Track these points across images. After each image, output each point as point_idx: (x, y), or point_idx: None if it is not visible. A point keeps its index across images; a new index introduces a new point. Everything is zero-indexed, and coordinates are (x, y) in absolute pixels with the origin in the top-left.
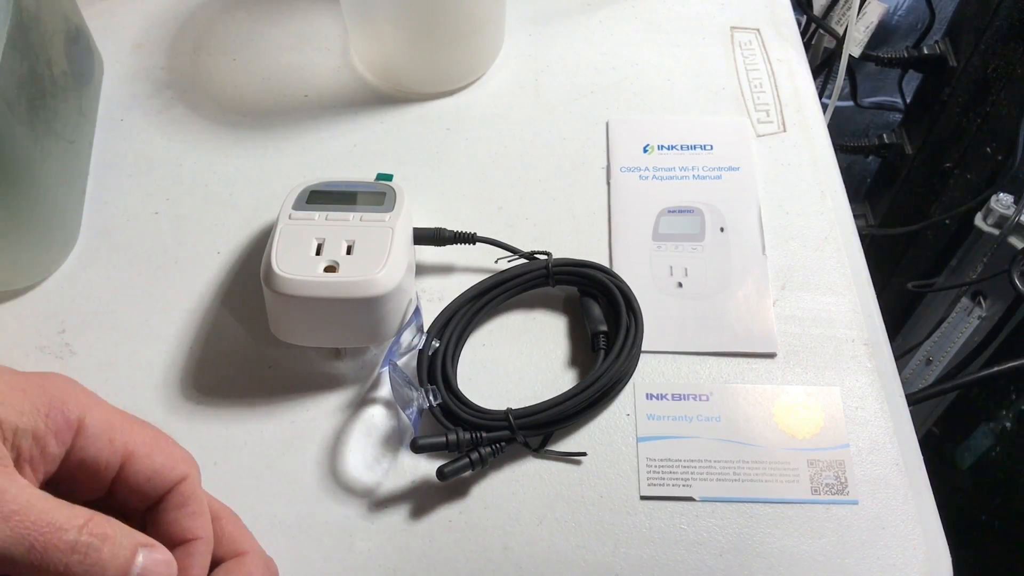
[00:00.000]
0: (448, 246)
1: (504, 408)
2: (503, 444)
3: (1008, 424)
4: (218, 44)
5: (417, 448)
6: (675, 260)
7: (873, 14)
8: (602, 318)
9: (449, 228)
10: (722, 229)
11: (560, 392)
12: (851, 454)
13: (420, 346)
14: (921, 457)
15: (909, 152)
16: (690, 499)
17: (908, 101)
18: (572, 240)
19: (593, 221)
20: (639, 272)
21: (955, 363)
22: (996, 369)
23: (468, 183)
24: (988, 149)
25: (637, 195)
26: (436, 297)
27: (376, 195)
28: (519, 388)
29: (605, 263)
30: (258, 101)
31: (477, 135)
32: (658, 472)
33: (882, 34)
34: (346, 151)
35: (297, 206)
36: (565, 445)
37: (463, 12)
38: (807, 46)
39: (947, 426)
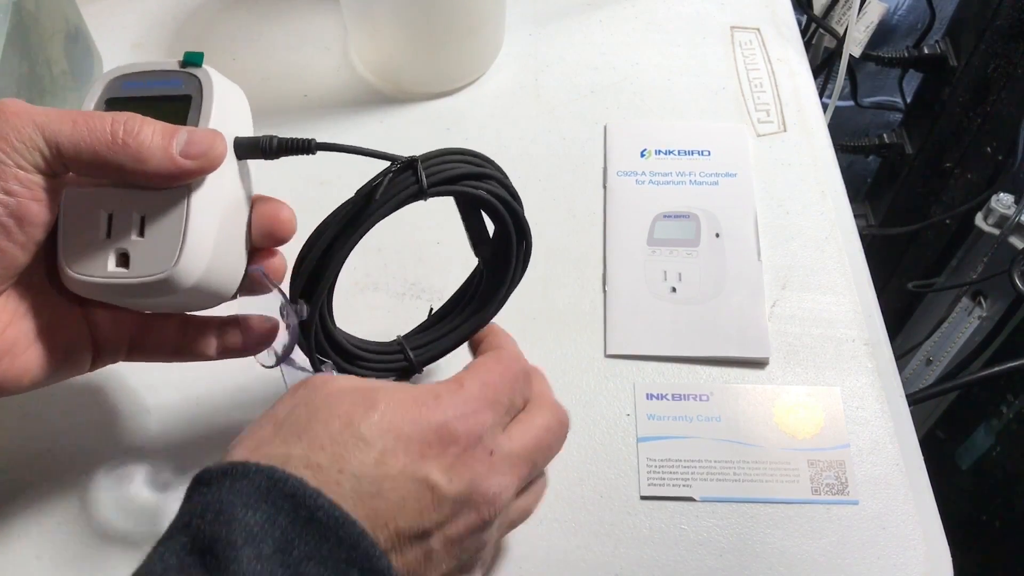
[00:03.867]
0: (282, 158)
1: (395, 338)
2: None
3: (1008, 424)
4: (218, 44)
5: None
6: (669, 265)
7: (873, 14)
8: (484, 227)
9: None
10: (717, 235)
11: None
12: (851, 454)
13: (291, 321)
14: (921, 457)
15: (909, 152)
16: (690, 499)
17: (908, 101)
18: (571, 240)
19: (593, 221)
20: (633, 276)
21: (955, 363)
22: (997, 369)
23: None
24: (988, 149)
25: (633, 199)
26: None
27: (173, 114)
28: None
29: (599, 267)
30: (258, 101)
31: (477, 135)
32: (658, 472)
33: (882, 34)
34: None
35: None
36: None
37: (463, 12)
38: (807, 46)
39: (947, 426)
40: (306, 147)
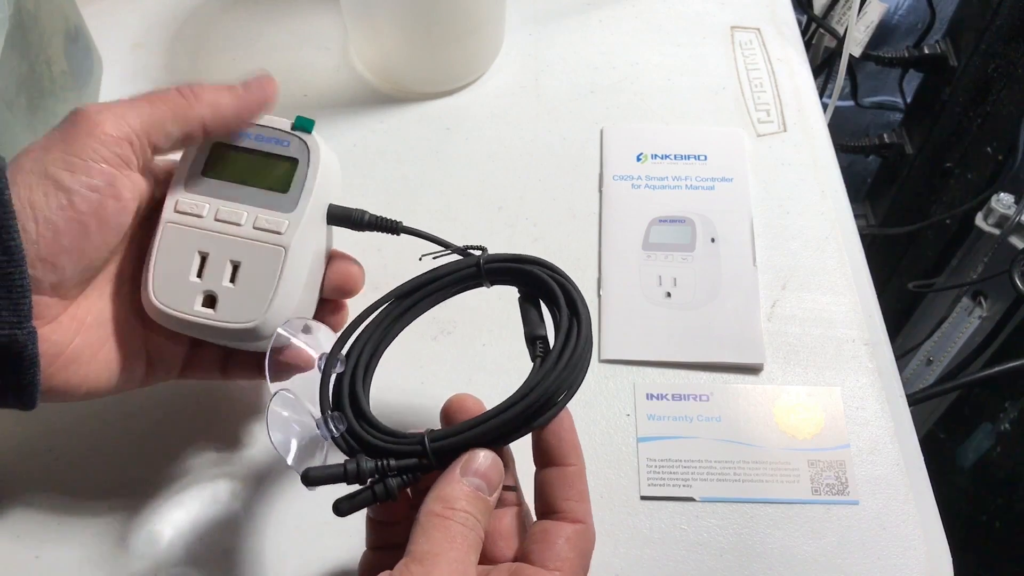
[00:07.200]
0: (368, 232)
1: (424, 430)
2: (416, 473)
3: (1009, 424)
4: (218, 44)
5: (309, 481)
6: (664, 270)
7: (873, 14)
8: (540, 321)
9: (374, 212)
10: (713, 240)
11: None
12: (852, 454)
13: (320, 367)
14: (922, 457)
15: (909, 152)
16: (690, 499)
17: (908, 101)
18: (572, 240)
19: (593, 221)
20: (628, 281)
21: (956, 363)
22: (997, 369)
23: (468, 183)
24: (988, 149)
25: (629, 203)
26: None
27: (280, 173)
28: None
29: (594, 270)
30: None
31: (477, 135)
32: (658, 472)
33: (882, 34)
34: (346, 151)
35: (191, 179)
36: None
37: (463, 12)
38: (807, 46)
39: (948, 426)
40: (392, 227)
